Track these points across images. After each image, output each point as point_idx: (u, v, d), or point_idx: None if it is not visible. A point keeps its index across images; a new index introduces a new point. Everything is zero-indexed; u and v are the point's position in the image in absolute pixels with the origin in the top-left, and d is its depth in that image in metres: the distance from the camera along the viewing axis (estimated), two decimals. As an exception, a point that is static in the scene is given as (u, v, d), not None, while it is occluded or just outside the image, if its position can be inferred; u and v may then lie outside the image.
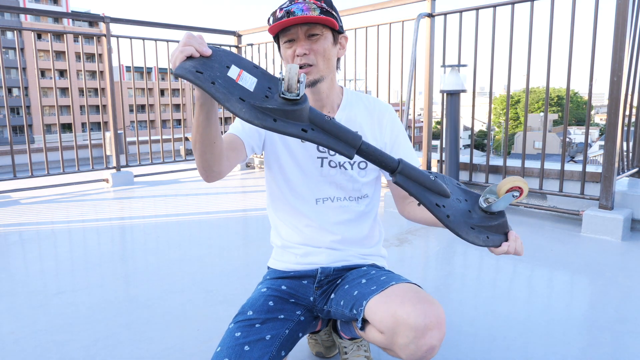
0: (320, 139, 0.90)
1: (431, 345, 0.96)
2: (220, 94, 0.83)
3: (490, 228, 1.03)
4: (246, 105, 0.84)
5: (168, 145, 5.65)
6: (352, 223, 1.29)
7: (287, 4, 1.16)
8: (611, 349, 1.48)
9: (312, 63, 1.17)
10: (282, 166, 1.27)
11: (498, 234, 1.04)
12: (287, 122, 0.87)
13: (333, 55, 1.20)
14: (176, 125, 37.86)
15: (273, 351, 1.10)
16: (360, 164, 1.27)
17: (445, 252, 2.47)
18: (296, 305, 1.23)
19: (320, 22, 1.15)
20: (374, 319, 1.05)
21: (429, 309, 0.97)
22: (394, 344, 1.00)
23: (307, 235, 1.28)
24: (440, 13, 3.42)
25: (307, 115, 0.89)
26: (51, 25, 44.38)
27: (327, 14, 1.16)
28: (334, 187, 1.27)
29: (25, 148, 4.03)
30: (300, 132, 0.88)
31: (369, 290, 1.11)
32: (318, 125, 0.91)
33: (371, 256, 1.34)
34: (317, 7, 1.14)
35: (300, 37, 1.16)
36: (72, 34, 4.13)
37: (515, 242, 1.04)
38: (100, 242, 2.74)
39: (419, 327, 0.95)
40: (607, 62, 2.59)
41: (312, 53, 1.16)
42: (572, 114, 45.64)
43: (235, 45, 5.23)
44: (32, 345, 1.54)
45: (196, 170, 5.04)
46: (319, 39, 1.16)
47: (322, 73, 1.19)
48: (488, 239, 1.01)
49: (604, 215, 2.59)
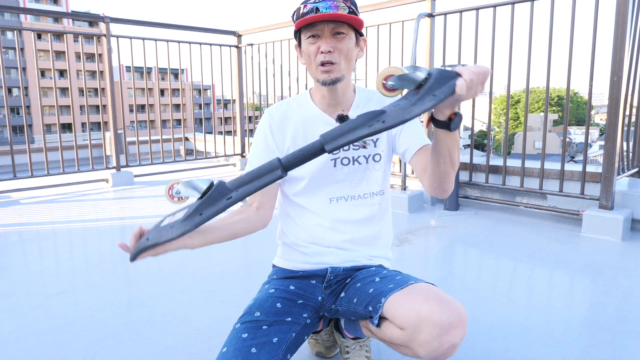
0: (246, 191, 0.96)
1: (453, 343, 0.98)
2: (154, 240, 0.97)
3: (431, 90, 0.91)
4: (175, 225, 0.96)
5: (168, 145, 5.65)
6: (363, 222, 1.29)
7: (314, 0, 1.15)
8: (611, 349, 1.48)
9: (335, 61, 1.17)
10: (295, 176, 1.27)
11: (444, 86, 0.91)
12: (212, 205, 0.95)
13: (354, 56, 1.21)
14: (176, 125, 37.84)
15: (280, 354, 1.10)
16: (375, 157, 1.27)
17: (445, 252, 2.47)
18: (304, 307, 1.23)
19: (349, 22, 1.15)
20: (395, 315, 1.05)
21: (453, 307, 0.99)
22: (414, 341, 1.01)
23: (317, 234, 1.28)
24: (440, 13, 3.42)
25: (223, 191, 0.97)
26: (51, 25, 44.39)
27: (354, 12, 1.16)
28: (348, 185, 1.27)
29: (25, 148, 4.03)
30: (226, 202, 0.95)
31: (387, 288, 1.12)
32: (237, 186, 0.97)
33: (378, 258, 1.34)
34: (346, 7, 1.14)
35: (326, 34, 1.16)
36: (72, 34, 4.13)
37: (470, 69, 0.89)
38: (100, 242, 2.74)
39: (443, 324, 0.97)
40: (607, 62, 2.59)
41: (336, 51, 1.16)
42: (572, 114, 45.65)
43: (235, 45, 5.23)
44: (32, 345, 1.54)
45: (196, 170, 5.05)
46: (344, 38, 1.16)
47: (343, 72, 1.19)
48: (435, 95, 0.90)
49: (604, 215, 2.59)
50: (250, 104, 5.55)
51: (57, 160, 4.28)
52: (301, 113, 1.28)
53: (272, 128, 1.29)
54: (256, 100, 5.79)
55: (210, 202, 0.96)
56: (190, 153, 6.11)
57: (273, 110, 1.32)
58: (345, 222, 1.28)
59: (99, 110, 4.59)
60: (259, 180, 0.95)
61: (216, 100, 13.87)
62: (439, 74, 0.92)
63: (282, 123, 1.29)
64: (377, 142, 1.27)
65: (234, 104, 5.40)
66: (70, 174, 4.10)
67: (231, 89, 5.39)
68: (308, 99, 1.30)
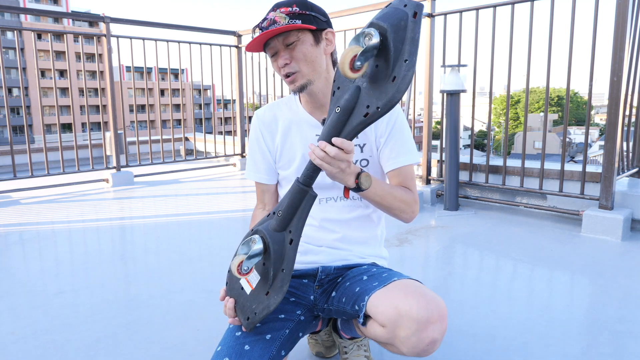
0: (299, 225, 1.02)
1: (433, 339, 0.97)
2: (264, 311, 1.02)
3: (397, 49, 0.90)
4: (270, 292, 1.02)
5: (168, 145, 5.65)
6: (354, 222, 1.30)
7: (260, 21, 1.17)
8: (611, 349, 1.48)
9: (295, 70, 1.17)
10: (286, 169, 1.30)
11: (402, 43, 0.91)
12: (283, 258, 1.01)
13: (317, 55, 1.19)
14: (176, 125, 37.84)
15: (273, 351, 1.10)
16: (362, 162, 1.27)
17: (445, 252, 2.47)
18: (296, 305, 1.24)
19: (285, 30, 1.13)
20: (376, 312, 1.05)
21: (431, 302, 0.98)
22: (396, 337, 1.01)
23: (307, 234, 1.28)
24: (440, 13, 3.42)
25: (278, 239, 1.02)
26: (51, 25, 44.38)
27: (299, 17, 1.14)
28: (337, 188, 1.27)
29: (25, 148, 4.03)
30: (291, 247, 1.01)
31: (371, 286, 1.12)
32: (283, 226, 1.03)
33: (371, 256, 1.34)
34: (286, 15, 1.13)
35: (280, 48, 1.17)
36: (72, 34, 4.13)
37: None
38: (100, 242, 2.74)
39: (421, 319, 0.96)
40: (607, 62, 2.59)
41: (292, 61, 1.17)
42: (572, 114, 45.63)
43: (235, 45, 5.23)
44: (32, 345, 1.54)
45: (196, 170, 5.05)
46: (296, 45, 1.16)
47: (308, 77, 1.18)
48: (406, 61, 0.89)
49: (604, 215, 2.59)
50: (250, 104, 5.55)
51: (57, 160, 4.28)
52: (289, 116, 1.30)
53: (262, 131, 1.32)
54: (256, 100, 5.79)
55: (279, 256, 1.00)
56: (190, 153, 6.11)
57: (261, 113, 1.34)
58: (335, 222, 1.28)
59: (99, 110, 4.59)
60: (302, 211, 1.01)
61: (216, 100, 13.88)
62: (390, 27, 0.89)
63: (270, 125, 1.31)
64: (363, 148, 1.26)
65: (234, 104, 5.40)
66: (70, 174, 4.10)
67: (231, 89, 5.39)
68: (297, 102, 1.31)
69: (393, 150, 1.24)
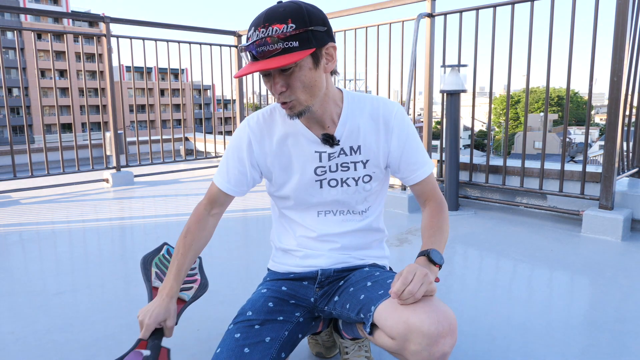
0: None
1: (443, 352, 0.96)
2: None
3: None
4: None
5: (168, 145, 5.65)
6: (352, 233, 1.29)
7: (247, 41, 1.03)
8: (611, 349, 1.48)
9: (292, 99, 1.07)
10: (281, 188, 1.27)
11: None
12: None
13: (317, 79, 1.07)
14: (176, 125, 37.84)
15: (273, 353, 1.10)
16: (364, 178, 1.23)
17: (445, 252, 2.46)
18: (296, 307, 1.23)
19: (281, 66, 1.00)
20: (384, 325, 1.03)
21: (442, 316, 0.96)
22: (405, 350, 0.99)
23: (305, 244, 1.29)
24: (440, 13, 3.42)
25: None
26: (51, 25, 44.38)
27: (295, 38, 1.00)
28: (336, 204, 1.26)
29: (25, 148, 4.03)
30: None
31: (377, 295, 1.10)
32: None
33: (372, 257, 1.34)
34: (279, 40, 0.99)
35: (274, 72, 1.05)
36: (72, 34, 4.13)
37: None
38: (100, 242, 2.74)
39: (432, 334, 0.94)
40: (607, 62, 2.59)
41: (288, 89, 1.06)
42: (572, 114, 45.62)
43: (235, 45, 5.22)
44: (32, 345, 1.54)
45: (196, 170, 5.05)
46: (292, 72, 1.04)
47: (306, 103, 1.09)
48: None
49: (604, 215, 2.59)
50: (250, 104, 5.55)
51: (57, 160, 4.28)
52: (285, 128, 1.21)
53: (250, 139, 1.23)
54: (256, 100, 5.79)
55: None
56: (190, 153, 6.11)
57: (253, 123, 1.23)
58: (334, 235, 1.27)
59: (99, 110, 4.59)
60: None
61: (216, 100, 13.87)
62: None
63: (263, 139, 1.22)
64: (366, 164, 1.22)
65: (234, 104, 5.40)
66: (70, 174, 4.10)
67: (231, 89, 5.39)
68: None
69: (410, 164, 1.22)
